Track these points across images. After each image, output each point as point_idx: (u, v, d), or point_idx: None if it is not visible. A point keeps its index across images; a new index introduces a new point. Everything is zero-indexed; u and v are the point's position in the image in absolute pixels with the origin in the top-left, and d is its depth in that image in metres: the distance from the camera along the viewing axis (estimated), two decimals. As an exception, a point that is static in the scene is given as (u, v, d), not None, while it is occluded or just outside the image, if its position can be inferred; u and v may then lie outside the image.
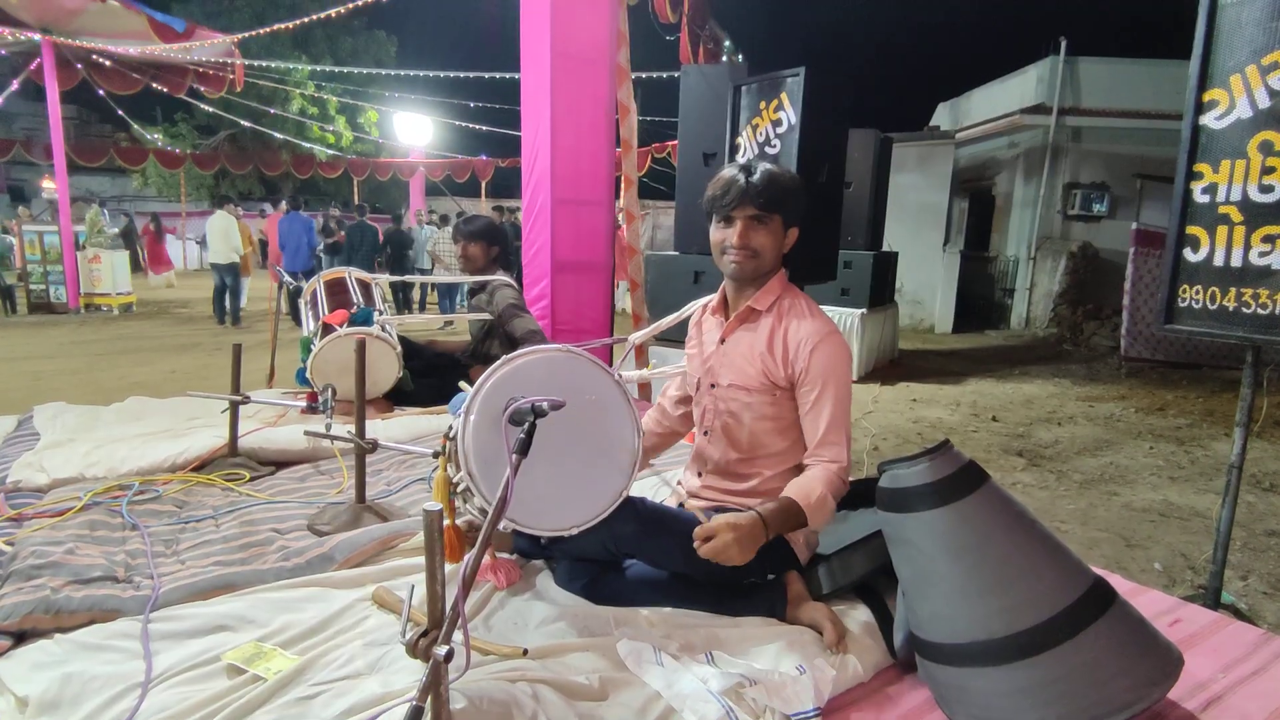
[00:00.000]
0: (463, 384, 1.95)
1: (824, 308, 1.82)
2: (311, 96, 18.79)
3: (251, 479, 2.71)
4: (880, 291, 7.34)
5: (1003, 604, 1.38)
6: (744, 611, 1.71)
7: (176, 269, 20.32)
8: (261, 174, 19.56)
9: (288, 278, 4.02)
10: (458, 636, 1.26)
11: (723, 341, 1.85)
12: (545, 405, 1.41)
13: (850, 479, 1.74)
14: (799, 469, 1.80)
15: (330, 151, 18.46)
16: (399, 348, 3.25)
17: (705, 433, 1.90)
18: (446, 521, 1.66)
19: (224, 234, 9.70)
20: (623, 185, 4.74)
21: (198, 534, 2.23)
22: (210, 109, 16.15)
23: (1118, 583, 1.91)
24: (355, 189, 19.70)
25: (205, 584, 1.82)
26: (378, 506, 2.29)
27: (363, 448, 2.18)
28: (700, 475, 1.92)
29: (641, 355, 4.31)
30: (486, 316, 3.51)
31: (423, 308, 11.68)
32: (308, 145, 18.24)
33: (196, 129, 20.47)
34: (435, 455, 1.83)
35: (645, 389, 4.20)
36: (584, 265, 4.41)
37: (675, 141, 5.32)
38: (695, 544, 1.57)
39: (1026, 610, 1.37)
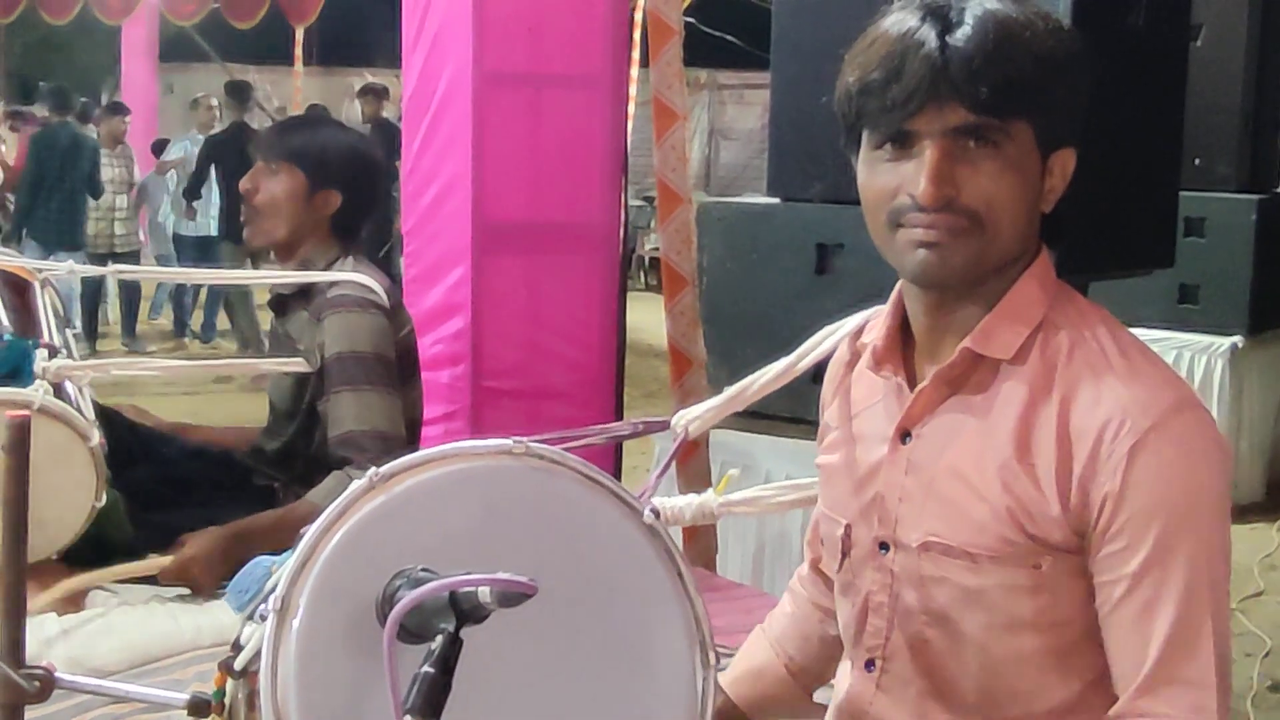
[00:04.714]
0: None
1: (1144, 335, 1.51)
2: None
3: None
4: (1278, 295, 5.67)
5: None
6: None
7: None
8: None
9: None
10: None
11: (906, 437, 1.40)
12: (486, 594, 1.06)
13: None
14: None
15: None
16: (98, 436, 2.41)
17: (870, 664, 1.46)
18: None
19: None
20: (647, 39, 3.60)
21: None
22: None
23: None
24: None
25: None
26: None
27: (18, 688, 1.51)
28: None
29: (694, 455, 3.30)
30: (302, 366, 2.52)
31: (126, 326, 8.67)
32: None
33: None
34: (198, 710, 1.38)
35: (701, 536, 3.18)
36: (554, 235, 3.44)
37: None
38: None
39: None
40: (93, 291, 8.29)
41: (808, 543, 1.73)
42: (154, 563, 2.41)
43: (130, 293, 8.51)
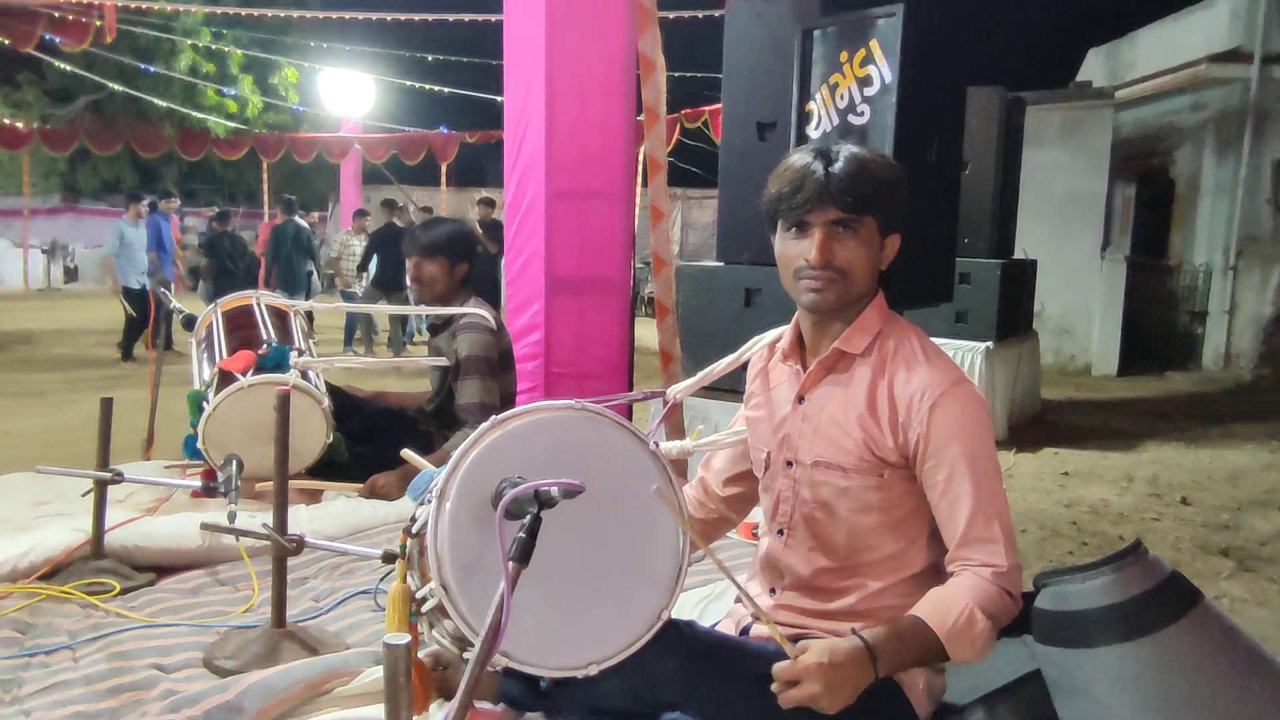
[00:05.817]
0: (407, 453, 2.10)
1: (936, 341, 1.91)
2: (207, 49, 19.18)
3: (124, 591, 2.71)
4: (1012, 317, 7.43)
5: (1229, 784, 1.36)
6: (839, 791, 1.67)
7: (20, 287, 20.57)
8: (134, 155, 19.79)
9: (174, 302, 4.11)
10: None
11: (801, 400, 1.88)
12: (555, 491, 1.42)
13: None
14: (919, 580, 1.80)
15: (231, 124, 18.78)
16: (326, 401, 3.44)
17: (780, 531, 1.91)
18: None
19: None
20: (648, 170, 4.79)
21: (48, 671, 2.20)
22: (68, 68, 16.40)
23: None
24: (265, 175, 20.20)
25: (60, 747, 1.80)
26: (303, 633, 2.29)
27: (283, 547, 2.19)
28: (774, 592, 1.93)
29: (674, 414, 4.35)
30: (445, 362, 3.65)
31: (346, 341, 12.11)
32: (200, 115, 18.54)
33: (47, 95, 20.86)
34: (388, 559, 1.92)
35: (679, 466, 4.15)
36: (592, 284, 4.48)
37: (716, 106, 5.55)
38: (775, 686, 1.57)
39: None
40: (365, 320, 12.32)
41: (704, 463, 2.16)
42: (358, 486, 3.38)
43: (352, 320, 12.20)
